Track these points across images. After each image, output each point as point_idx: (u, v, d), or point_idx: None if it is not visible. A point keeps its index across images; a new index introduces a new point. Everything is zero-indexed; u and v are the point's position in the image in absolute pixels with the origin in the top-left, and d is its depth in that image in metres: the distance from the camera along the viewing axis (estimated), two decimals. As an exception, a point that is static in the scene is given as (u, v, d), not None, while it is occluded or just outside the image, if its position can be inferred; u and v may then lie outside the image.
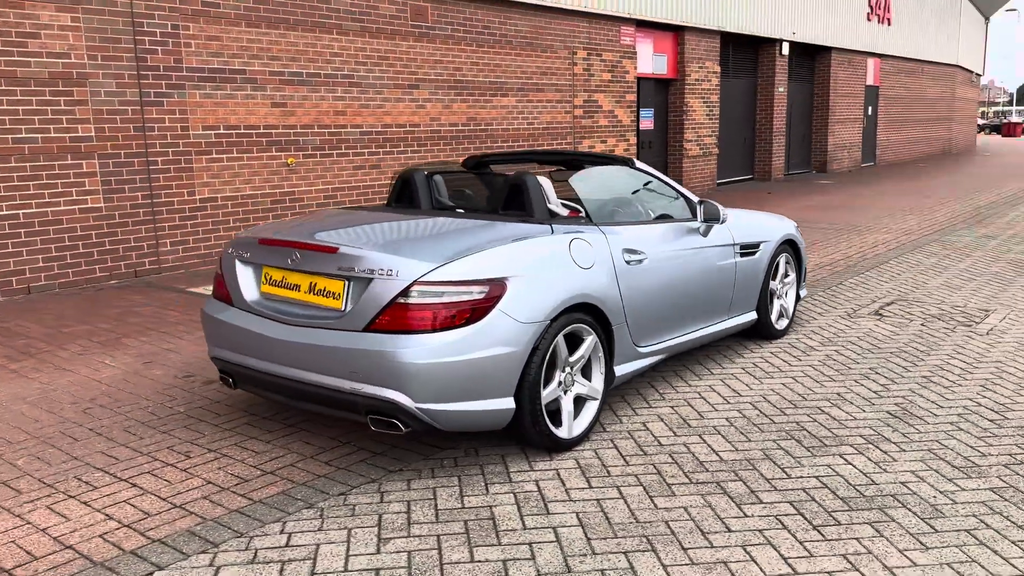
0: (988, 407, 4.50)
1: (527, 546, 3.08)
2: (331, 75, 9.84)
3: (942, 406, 4.52)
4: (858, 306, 6.93)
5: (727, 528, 3.20)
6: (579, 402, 4.06)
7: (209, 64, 8.68)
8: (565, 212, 4.34)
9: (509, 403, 3.63)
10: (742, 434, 4.14)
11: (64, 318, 6.72)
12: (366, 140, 10.34)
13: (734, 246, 5.24)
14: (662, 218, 4.92)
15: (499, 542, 3.11)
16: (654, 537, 3.14)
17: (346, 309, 3.64)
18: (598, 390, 4.09)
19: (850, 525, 3.22)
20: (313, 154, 9.79)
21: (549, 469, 3.75)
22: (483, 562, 2.97)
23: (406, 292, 3.48)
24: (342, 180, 10.15)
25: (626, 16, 14.18)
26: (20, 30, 7.33)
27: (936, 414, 4.40)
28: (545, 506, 3.39)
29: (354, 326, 3.57)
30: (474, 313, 3.52)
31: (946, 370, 5.15)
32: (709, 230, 5.04)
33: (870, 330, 6.14)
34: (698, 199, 5.06)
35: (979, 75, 38.12)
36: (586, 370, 4.10)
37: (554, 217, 4.23)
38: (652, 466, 3.77)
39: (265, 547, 3.09)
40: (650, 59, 15.37)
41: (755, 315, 5.60)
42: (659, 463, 3.80)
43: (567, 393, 3.94)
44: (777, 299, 5.89)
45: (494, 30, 11.84)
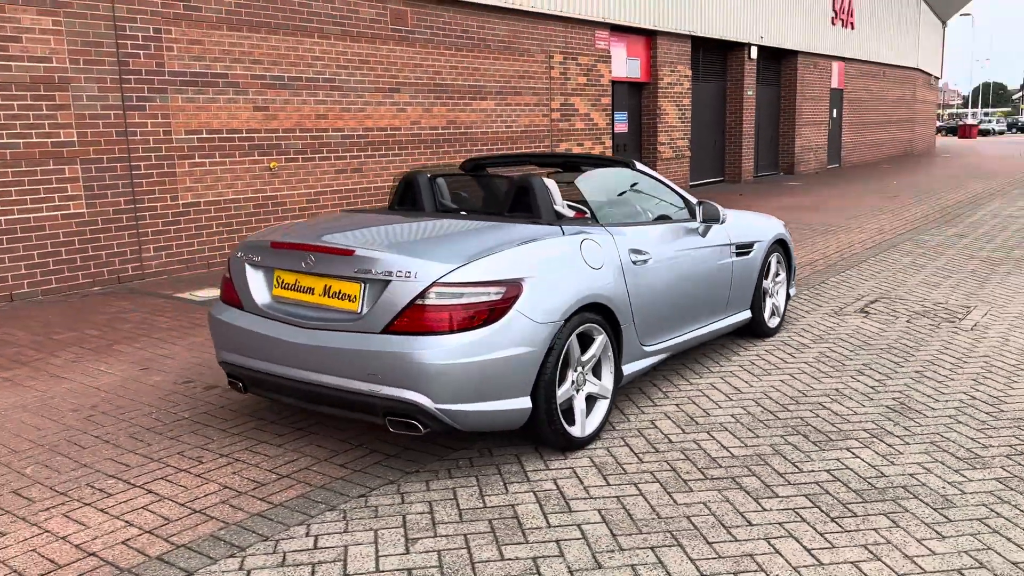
0: (983, 400, 4.62)
1: (555, 543, 3.12)
2: (313, 79, 9.81)
3: (938, 400, 4.64)
4: (843, 304, 7.06)
5: (748, 522, 3.26)
6: (590, 401, 4.11)
7: (191, 68, 8.60)
8: (571, 213, 4.39)
9: (526, 403, 3.66)
10: (749, 430, 4.21)
11: (51, 325, 6.62)
12: (347, 144, 10.31)
13: (730, 246, 5.32)
14: (661, 219, 4.99)
15: (526, 540, 3.14)
16: (678, 532, 3.19)
17: (362, 311, 3.64)
18: (608, 389, 4.14)
19: (866, 516, 3.30)
20: (295, 158, 9.74)
21: (565, 468, 3.79)
22: (513, 560, 3.00)
23: (424, 294, 3.50)
24: (324, 184, 10.11)
25: (600, 20, 14.30)
26: (1, 34, 7.21)
27: (934, 408, 4.51)
28: (567, 504, 3.43)
29: (371, 328, 3.58)
30: (492, 314, 3.54)
31: (937, 365, 5.28)
32: (708, 230, 5.12)
33: (858, 327, 6.27)
34: (697, 200, 5.14)
35: (937, 78, 38.95)
36: (596, 369, 4.14)
37: (560, 218, 4.27)
38: (666, 463, 3.83)
39: (293, 550, 3.09)
40: (624, 63, 15.51)
41: (750, 313, 5.69)
42: (672, 460, 3.86)
43: (579, 392, 3.98)
44: (769, 298, 5.99)
45: (472, 34, 11.87)
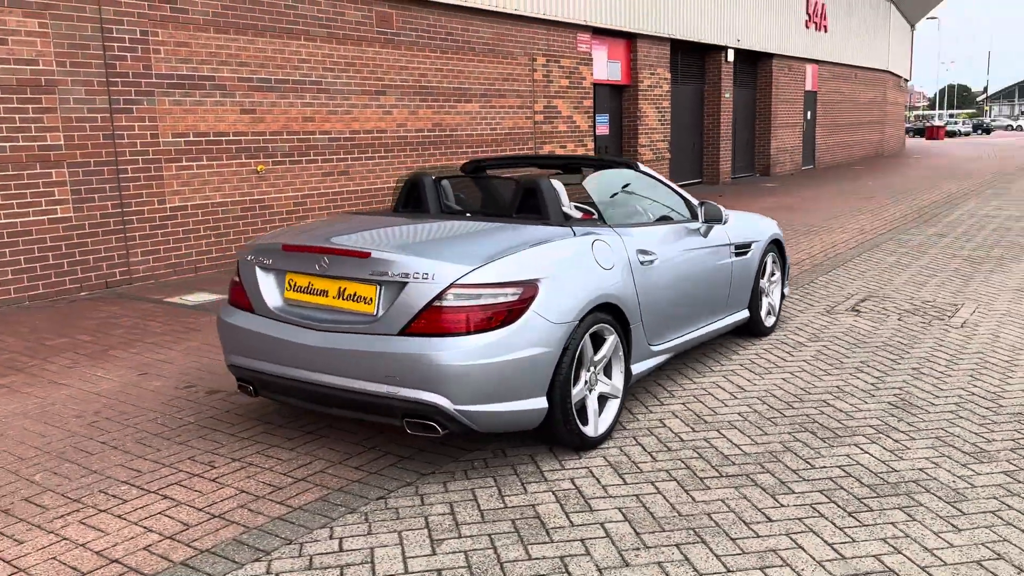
0: (981, 396, 4.71)
1: (579, 542, 3.13)
2: (299, 81, 9.76)
3: (938, 396, 4.72)
4: (834, 303, 7.16)
5: (767, 518, 3.30)
6: (601, 401, 4.13)
7: (178, 71, 8.53)
8: (578, 214, 4.41)
9: (542, 403, 3.68)
10: (757, 428, 4.26)
11: (41, 331, 6.52)
12: (334, 147, 10.27)
13: (730, 246, 5.38)
14: (663, 219, 5.03)
15: (551, 539, 3.16)
16: (700, 529, 3.22)
17: (378, 313, 3.64)
18: (619, 388, 4.17)
19: (882, 511, 3.35)
20: (282, 161, 9.69)
21: (580, 467, 3.81)
22: (541, 559, 3.01)
23: (443, 295, 3.51)
24: (311, 187, 10.06)
25: (582, 23, 14.37)
26: (-15, 35, 7.11)
27: (934, 404, 4.59)
28: (587, 503, 3.45)
29: (388, 330, 3.58)
30: (510, 315, 3.56)
31: (932, 362, 5.37)
32: (709, 231, 5.17)
33: (851, 326, 6.35)
34: (699, 201, 5.19)
35: (907, 80, 39.54)
36: (607, 369, 4.17)
37: (568, 219, 4.30)
38: (680, 461, 3.86)
39: (318, 553, 3.08)
40: (605, 66, 15.59)
41: (747, 313, 5.75)
42: (686, 458, 3.90)
43: (592, 392, 4.01)
44: (765, 297, 6.06)
45: (457, 36, 11.88)
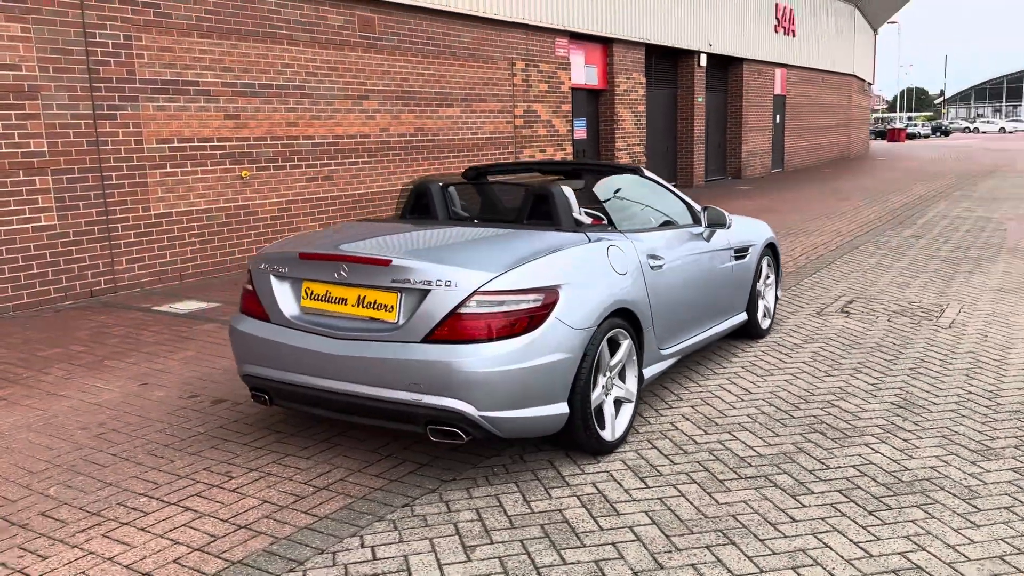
0: (979, 394, 4.83)
1: (611, 546, 3.16)
2: (283, 86, 9.70)
3: (938, 395, 4.82)
4: (823, 305, 7.27)
5: (791, 518, 3.36)
6: (616, 405, 4.16)
7: (162, 76, 8.43)
8: (589, 220, 4.45)
9: (563, 408, 3.70)
10: (768, 430, 4.32)
11: (32, 342, 6.41)
12: (318, 152, 10.22)
13: (730, 250, 5.45)
14: (666, 224, 5.08)
15: (582, 544, 3.18)
16: (728, 531, 3.26)
17: (399, 321, 3.64)
18: (633, 392, 4.21)
19: (901, 509, 3.42)
20: (266, 167, 9.62)
21: (600, 471, 3.84)
22: (576, 564, 3.04)
23: (466, 302, 3.52)
24: (295, 192, 9.99)
25: (560, 28, 14.44)
26: (-33, 41, 6.98)
27: (936, 403, 4.69)
28: (612, 507, 3.48)
29: (411, 338, 3.58)
30: (532, 321, 3.58)
31: (928, 362, 5.48)
32: (712, 235, 5.24)
33: (843, 327, 6.46)
34: (702, 206, 5.25)
35: (870, 84, 40.24)
36: (621, 373, 4.20)
37: (580, 226, 4.33)
38: (697, 463, 3.91)
39: (352, 562, 3.07)
40: (582, 70, 15.68)
41: (746, 316, 5.83)
42: (703, 460, 3.94)
43: (608, 396, 4.04)
44: (761, 300, 6.14)
45: (438, 41, 11.88)
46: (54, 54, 7.53)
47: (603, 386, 3.97)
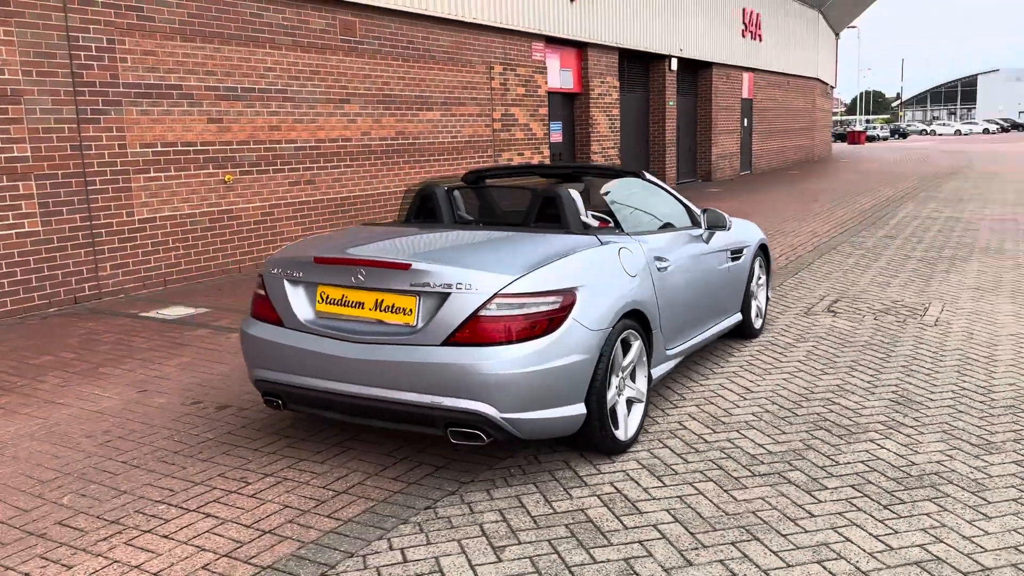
0: (972, 390, 4.96)
1: (638, 544, 3.21)
2: (265, 90, 9.64)
3: (933, 392, 4.94)
4: (809, 304, 7.40)
5: (809, 514, 3.43)
6: (628, 405, 4.21)
7: (145, 80, 8.34)
8: (596, 223, 4.50)
9: (581, 408, 3.74)
10: (775, 428, 4.40)
11: (21, 349, 6.31)
12: (300, 155, 10.16)
13: (726, 251, 5.54)
14: (666, 226, 5.15)
15: (610, 542, 3.22)
16: (750, 527, 3.33)
17: (418, 324, 3.66)
18: (644, 392, 4.26)
19: (914, 503, 3.51)
20: (249, 171, 9.55)
21: (616, 471, 3.88)
22: (606, 562, 3.08)
23: (486, 305, 3.54)
24: (278, 196, 9.93)
25: (536, 32, 14.51)
26: (-51, 44, 6.85)
27: (932, 399, 4.81)
28: (633, 506, 3.52)
29: (430, 341, 3.60)
30: (551, 323, 3.62)
31: (919, 359, 5.61)
32: (711, 236, 5.32)
33: (831, 326, 6.59)
34: (701, 208, 5.33)
35: (833, 87, 40.91)
36: (632, 373, 4.25)
37: (587, 228, 4.38)
38: (711, 462, 3.97)
39: (383, 564, 3.08)
40: (558, 74, 15.77)
41: (740, 316, 5.92)
42: (715, 459, 4.01)
43: (621, 396, 4.09)
44: (754, 300, 6.24)
45: (418, 45, 11.88)
46: (37, 57, 7.41)
47: (616, 386, 4.02)
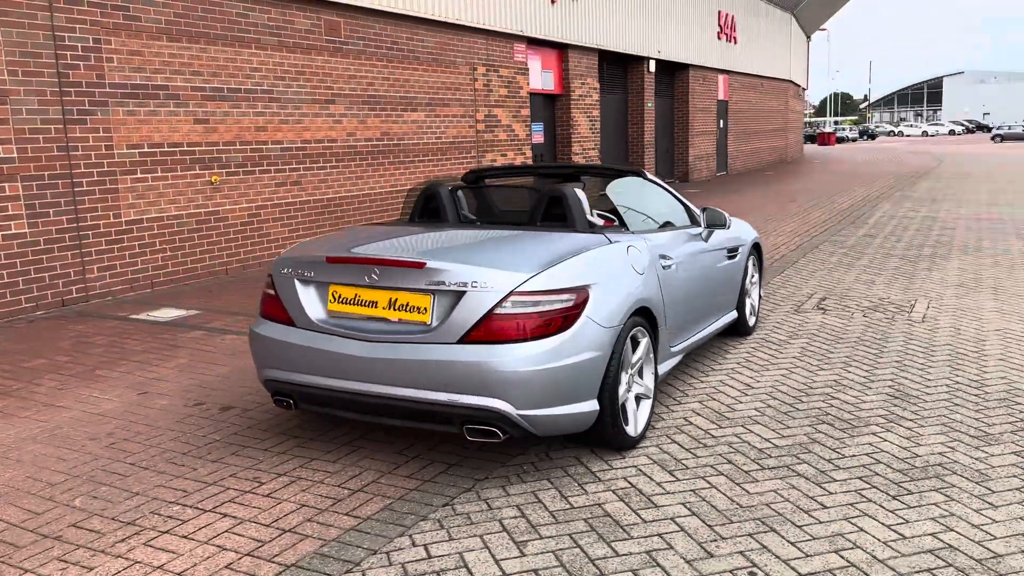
0: (966, 384, 5.06)
1: (658, 537, 3.25)
2: (251, 90, 9.58)
3: (929, 386, 5.05)
4: (798, 302, 7.51)
5: (822, 505, 3.50)
6: (636, 401, 4.26)
7: (131, 80, 8.26)
8: (601, 222, 4.54)
9: (594, 405, 3.78)
10: (778, 422, 4.47)
11: (12, 353, 6.23)
12: (286, 156, 10.12)
13: (723, 250, 5.61)
14: (666, 225, 5.21)
15: (630, 536, 3.26)
16: (765, 519, 3.38)
17: (433, 323, 3.67)
18: (651, 388, 4.32)
19: (921, 493, 3.59)
20: (236, 172, 9.49)
21: (628, 466, 3.93)
22: (628, 555, 3.12)
23: (502, 303, 3.57)
24: (264, 197, 9.88)
25: (518, 33, 14.56)
26: (-66, 43, 6.75)
27: (928, 393, 4.91)
28: (649, 500, 3.57)
29: (446, 339, 3.62)
30: (566, 321, 3.65)
31: (911, 355, 5.72)
32: (710, 235, 5.39)
33: (822, 323, 6.69)
34: (701, 207, 5.39)
35: (805, 89, 41.40)
36: (639, 370, 4.30)
37: (593, 227, 4.42)
38: (720, 456, 4.03)
39: (408, 560, 3.10)
40: (539, 75, 15.83)
41: (736, 313, 6.00)
42: (724, 453, 4.07)
43: (630, 393, 4.14)
44: (748, 298, 6.32)
45: (402, 46, 11.87)
46: (23, 57, 7.32)
47: (626, 383, 4.06)
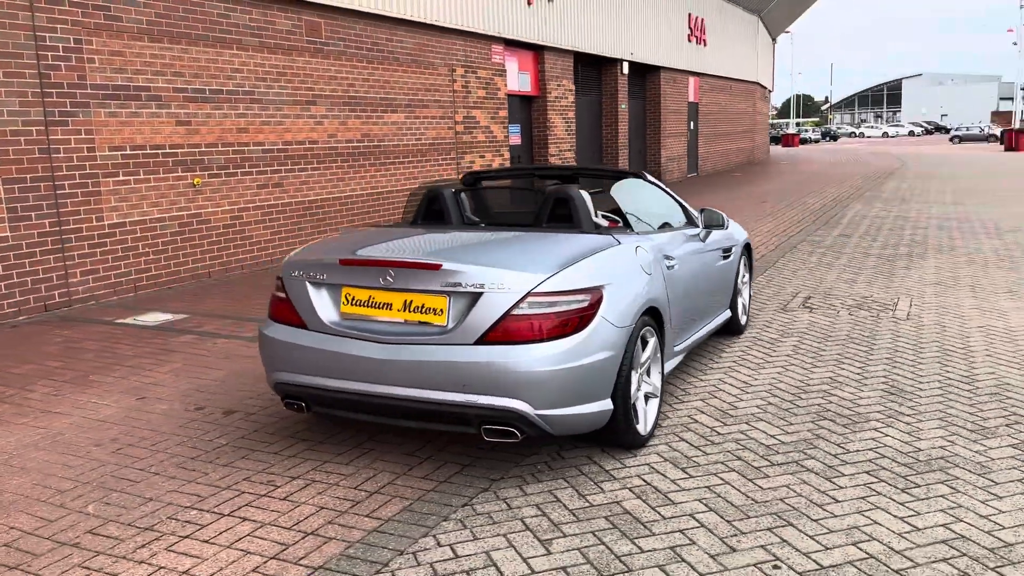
0: (957, 380, 5.19)
1: (679, 533, 3.30)
2: (233, 91, 9.51)
3: (922, 382, 5.16)
4: (784, 301, 7.63)
5: (834, 499, 3.57)
6: (644, 400, 4.31)
7: (113, 81, 8.16)
8: (606, 223, 4.59)
9: (608, 404, 3.83)
10: (781, 419, 4.56)
11: (0, 359, 6.12)
12: (268, 158, 10.05)
13: (719, 250, 5.69)
14: (665, 226, 5.27)
15: (651, 532, 3.31)
16: (782, 513, 3.45)
17: (449, 324, 3.69)
18: (658, 387, 4.37)
19: (928, 486, 3.68)
20: (218, 173, 9.40)
21: (641, 464, 3.98)
22: (652, 551, 3.16)
23: (519, 304, 3.60)
24: (247, 199, 9.80)
25: (495, 35, 14.59)
26: (-86, 43, 6.61)
27: (922, 389, 5.03)
28: (666, 497, 3.62)
29: (463, 340, 3.64)
30: (581, 321, 3.69)
31: (901, 352, 5.85)
32: (708, 236, 5.46)
33: (811, 321, 6.81)
34: (699, 209, 5.47)
35: (771, 91, 41.94)
36: (647, 369, 4.35)
37: (599, 228, 4.47)
38: (729, 453, 4.09)
39: (435, 560, 3.12)
40: (516, 77, 15.87)
41: (730, 312, 6.09)
42: (733, 450, 4.13)
43: (640, 391, 4.19)
44: (740, 297, 6.42)
45: (382, 47, 11.85)
46: (4, 58, 7.20)
47: (636, 382, 4.11)
